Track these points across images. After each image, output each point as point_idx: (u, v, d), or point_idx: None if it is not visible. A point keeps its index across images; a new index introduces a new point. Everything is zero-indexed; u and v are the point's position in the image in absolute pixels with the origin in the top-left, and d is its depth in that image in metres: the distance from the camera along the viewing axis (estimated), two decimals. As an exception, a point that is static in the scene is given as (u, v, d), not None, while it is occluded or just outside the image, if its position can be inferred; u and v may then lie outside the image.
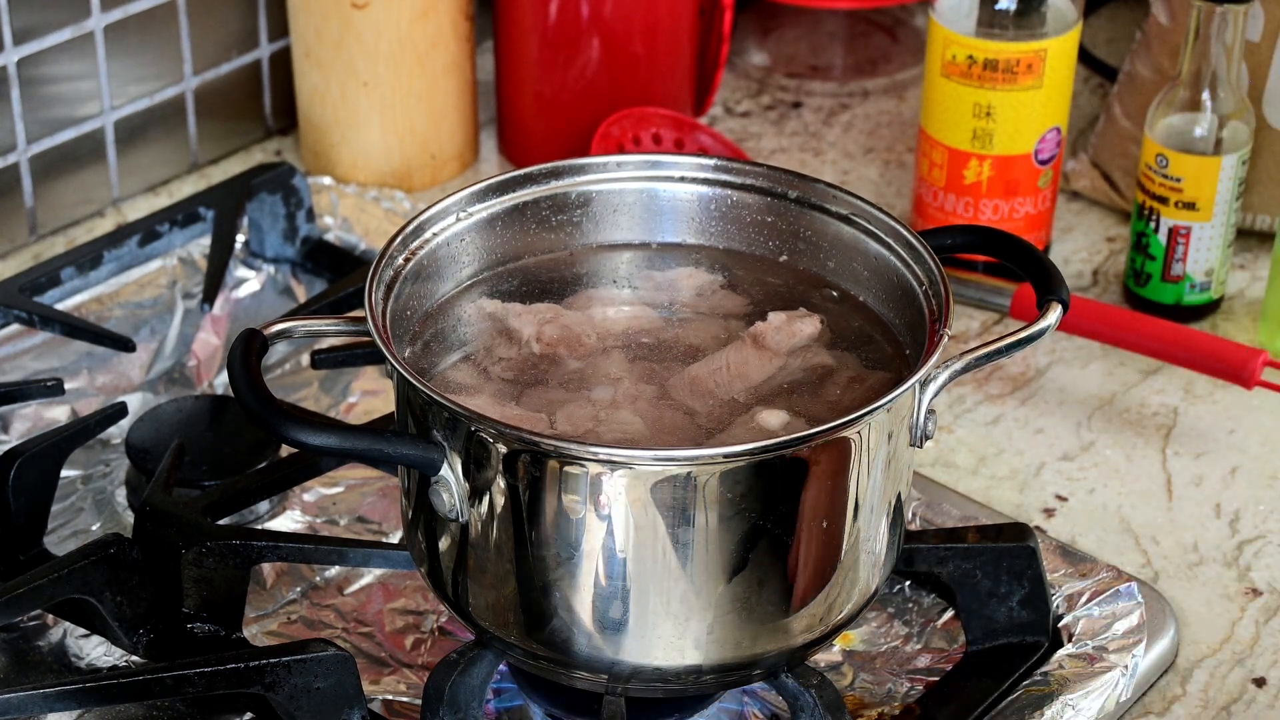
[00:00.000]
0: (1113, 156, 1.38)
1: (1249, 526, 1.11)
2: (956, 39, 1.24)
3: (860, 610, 0.91)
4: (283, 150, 1.46)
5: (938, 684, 0.98)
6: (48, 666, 0.98)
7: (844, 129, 1.50)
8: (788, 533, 0.85)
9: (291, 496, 1.11)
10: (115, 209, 1.38)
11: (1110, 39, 1.56)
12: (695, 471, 0.82)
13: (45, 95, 1.30)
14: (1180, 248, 1.26)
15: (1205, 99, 1.24)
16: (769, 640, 0.88)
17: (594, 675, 0.88)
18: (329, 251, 1.29)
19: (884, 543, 0.90)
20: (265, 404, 0.83)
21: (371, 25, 1.34)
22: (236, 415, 1.14)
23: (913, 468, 0.93)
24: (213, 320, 1.25)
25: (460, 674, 0.92)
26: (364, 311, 0.88)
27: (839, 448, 0.84)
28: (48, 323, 1.17)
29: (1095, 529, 1.11)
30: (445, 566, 0.90)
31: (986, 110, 1.25)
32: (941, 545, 0.99)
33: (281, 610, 1.04)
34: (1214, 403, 1.21)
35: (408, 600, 1.04)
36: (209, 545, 0.98)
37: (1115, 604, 1.01)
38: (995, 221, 1.29)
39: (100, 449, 1.15)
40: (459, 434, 0.84)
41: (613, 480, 0.83)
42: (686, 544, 0.84)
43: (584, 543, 0.84)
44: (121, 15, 1.32)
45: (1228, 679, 1.01)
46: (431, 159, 1.40)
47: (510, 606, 0.88)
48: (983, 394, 1.21)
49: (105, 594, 0.97)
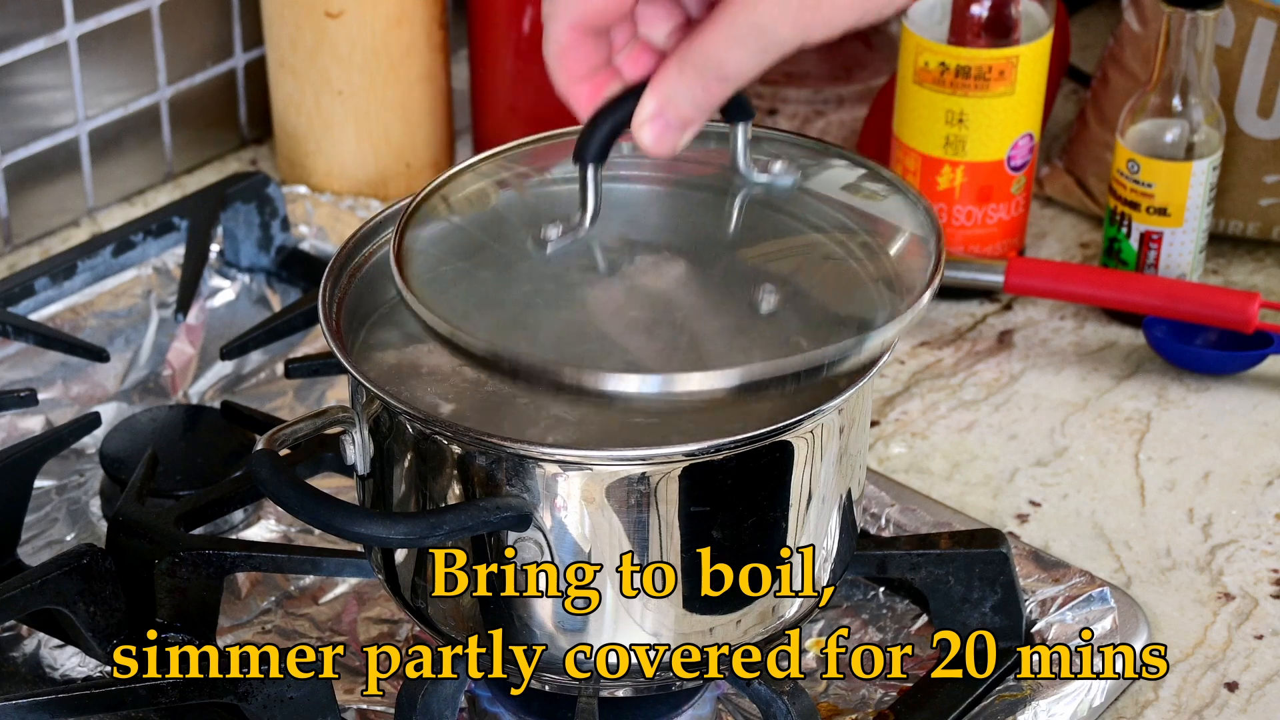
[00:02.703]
0: (1086, 162, 1.38)
1: (1221, 531, 1.11)
2: (929, 46, 1.25)
3: (814, 608, 0.91)
4: (258, 159, 1.46)
5: (911, 690, 0.98)
6: (22, 678, 0.98)
7: (818, 135, 1.50)
8: (735, 525, 0.85)
9: (266, 506, 1.11)
10: (90, 219, 1.38)
11: (1084, 45, 1.56)
12: (649, 471, 0.82)
13: (19, 105, 1.30)
14: (1152, 253, 1.27)
15: (1176, 105, 1.24)
16: (724, 634, 0.89)
17: (562, 676, 0.89)
18: (304, 260, 1.29)
19: (835, 539, 0.91)
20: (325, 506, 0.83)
21: (346, 34, 1.34)
22: (210, 425, 1.14)
23: (866, 465, 0.94)
24: (187, 330, 1.25)
25: (433, 683, 0.92)
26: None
27: (785, 446, 0.85)
28: (21, 333, 1.17)
29: (1068, 534, 1.11)
30: (403, 573, 0.90)
31: (959, 117, 1.26)
32: (914, 551, 1.00)
33: (256, 620, 1.04)
34: (1187, 408, 1.21)
35: (382, 609, 1.04)
36: (182, 555, 0.98)
37: (1088, 609, 1.01)
38: (969, 228, 1.29)
39: (74, 459, 1.15)
40: (403, 432, 0.85)
41: (567, 480, 0.83)
42: (643, 541, 0.84)
43: (542, 542, 0.84)
44: (95, 25, 1.32)
45: (1200, 683, 1.01)
46: (406, 168, 1.40)
47: (470, 612, 0.88)
48: (956, 400, 1.22)
49: (79, 604, 0.97)
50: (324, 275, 0.91)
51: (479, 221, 0.90)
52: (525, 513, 0.83)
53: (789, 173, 0.90)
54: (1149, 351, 1.26)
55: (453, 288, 0.85)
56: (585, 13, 0.80)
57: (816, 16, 0.78)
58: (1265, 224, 1.34)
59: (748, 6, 0.78)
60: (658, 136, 0.82)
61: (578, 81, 0.83)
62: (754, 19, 0.78)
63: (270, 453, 0.85)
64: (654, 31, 0.83)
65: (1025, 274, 1.26)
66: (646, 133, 0.82)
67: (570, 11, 0.80)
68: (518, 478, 0.83)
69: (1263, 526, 1.12)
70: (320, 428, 0.91)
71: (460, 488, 0.85)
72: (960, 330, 1.29)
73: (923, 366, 1.25)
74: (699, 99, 0.81)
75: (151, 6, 1.35)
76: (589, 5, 0.80)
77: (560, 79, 0.83)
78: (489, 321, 0.82)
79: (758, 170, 0.90)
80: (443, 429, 0.83)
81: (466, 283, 0.85)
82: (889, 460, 1.17)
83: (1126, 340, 1.27)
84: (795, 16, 0.77)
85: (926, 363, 1.26)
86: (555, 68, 0.83)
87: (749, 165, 0.90)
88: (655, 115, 0.82)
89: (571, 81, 0.83)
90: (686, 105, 0.81)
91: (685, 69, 0.80)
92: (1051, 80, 1.38)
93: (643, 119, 0.82)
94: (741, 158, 0.90)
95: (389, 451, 0.87)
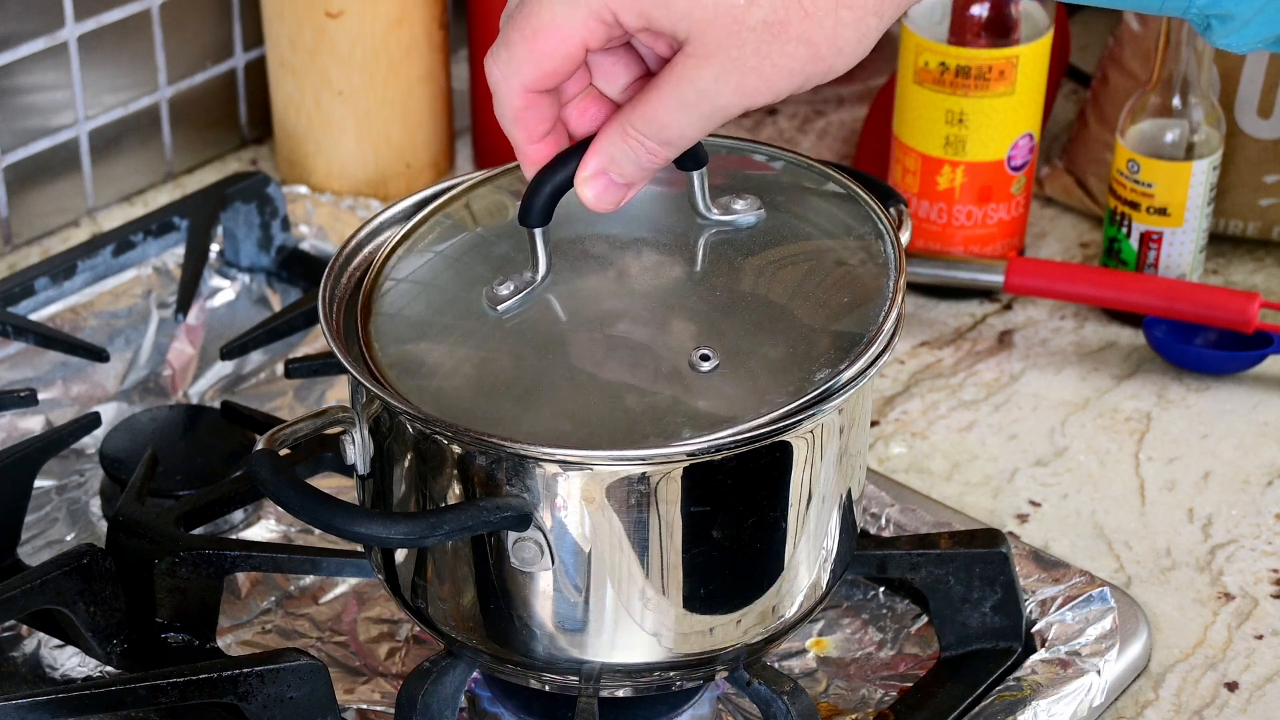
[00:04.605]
0: (1086, 162, 1.38)
1: (1221, 531, 1.11)
2: (929, 46, 1.25)
3: (815, 607, 0.91)
4: (258, 159, 1.46)
5: (911, 690, 0.98)
6: (22, 677, 0.98)
7: (819, 136, 1.50)
8: (735, 525, 0.85)
9: (265, 506, 1.11)
10: (90, 219, 1.38)
11: (1084, 45, 1.56)
12: (649, 471, 0.82)
13: (19, 105, 1.30)
14: (1152, 253, 1.27)
15: (1176, 105, 1.24)
16: (724, 634, 0.88)
17: (563, 676, 0.89)
18: (304, 260, 1.29)
19: (835, 539, 0.91)
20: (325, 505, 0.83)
21: (345, 34, 1.34)
22: (210, 425, 1.14)
23: (866, 465, 0.94)
24: (187, 330, 1.25)
25: (433, 683, 0.92)
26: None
27: (785, 446, 0.85)
28: (21, 333, 1.17)
29: (1068, 534, 1.11)
30: (403, 573, 0.90)
31: (959, 117, 1.26)
32: (914, 551, 1.00)
33: (256, 620, 1.04)
34: (1187, 408, 1.21)
35: (382, 609, 1.04)
36: (182, 555, 0.98)
37: (1088, 609, 1.01)
38: (969, 228, 1.29)
39: (74, 459, 1.15)
40: (403, 432, 0.85)
41: (567, 480, 0.83)
42: (643, 540, 0.84)
43: (542, 543, 0.84)
44: (96, 25, 1.32)
45: (1200, 683, 1.01)
46: (406, 167, 1.40)
47: (470, 612, 0.88)
48: (956, 400, 1.22)
49: (79, 604, 0.97)
50: (324, 275, 0.91)
51: (432, 280, 0.91)
52: (525, 513, 0.83)
53: (751, 210, 0.91)
54: (1149, 351, 1.26)
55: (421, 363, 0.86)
56: (539, 74, 0.80)
57: (760, 82, 0.78)
58: (1265, 224, 1.34)
59: (691, 72, 0.78)
60: (599, 194, 0.83)
61: (536, 140, 0.83)
62: (699, 86, 0.78)
63: (270, 453, 0.85)
64: (610, 85, 0.83)
65: (1025, 274, 1.26)
66: (588, 190, 0.83)
67: (525, 74, 0.80)
68: (518, 478, 0.83)
69: (1263, 526, 1.12)
70: (320, 428, 0.91)
71: (460, 488, 0.85)
72: (960, 330, 1.29)
73: (923, 366, 1.25)
74: (642, 161, 0.82)
75: (151, 6, 1.35)
76: (539, 68, 0.80)
77: (519, 138, 0.83)
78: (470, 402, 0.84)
79: (720, 211, 0.91)
80: (443, 429, 0.83)
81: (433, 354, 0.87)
82: (889, 460, 1.17)
83: (1126, 340, 1.27)
84: (739, 82, 0.78)
85: (926, 363, 1.26)
86: (512, 129, 0.83)
87: (709, 208, 0.91)
88: (597, 174, 0.83)
89: (529, 141, 0.83)
90: (629, 166, 0.82)
91: (629, 131, 0.81)
92: (1051, 80, 1.38)
93: (585, 177, 0.83)
94: (700, 201, 0.91)
95: (389, 451, 0.87)
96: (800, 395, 0.83)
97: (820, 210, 0.92)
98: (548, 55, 0.79)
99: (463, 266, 0.91)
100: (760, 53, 0.77)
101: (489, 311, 0.87)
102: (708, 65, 0.77)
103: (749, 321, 0.86)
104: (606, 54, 0.83)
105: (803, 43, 0.77)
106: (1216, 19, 0.81)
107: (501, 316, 0.87)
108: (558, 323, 0.87)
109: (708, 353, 0.84)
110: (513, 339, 0.86)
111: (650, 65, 0.83)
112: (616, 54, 0.83)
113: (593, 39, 0.79)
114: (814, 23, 0.77)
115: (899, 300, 0.87)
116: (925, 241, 1.30)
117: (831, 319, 0.86)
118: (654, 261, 0.90)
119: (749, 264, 0.89)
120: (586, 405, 0.83)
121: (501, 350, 0.86)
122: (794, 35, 0.77)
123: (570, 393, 0.84)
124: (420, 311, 0.89)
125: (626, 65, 0.83)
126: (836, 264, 0.89)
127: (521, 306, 0.87)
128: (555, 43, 0.79)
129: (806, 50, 0.78)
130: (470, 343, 0.86)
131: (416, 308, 0.89)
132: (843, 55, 0.79)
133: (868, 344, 0.85)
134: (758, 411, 0.82)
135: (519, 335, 0.86)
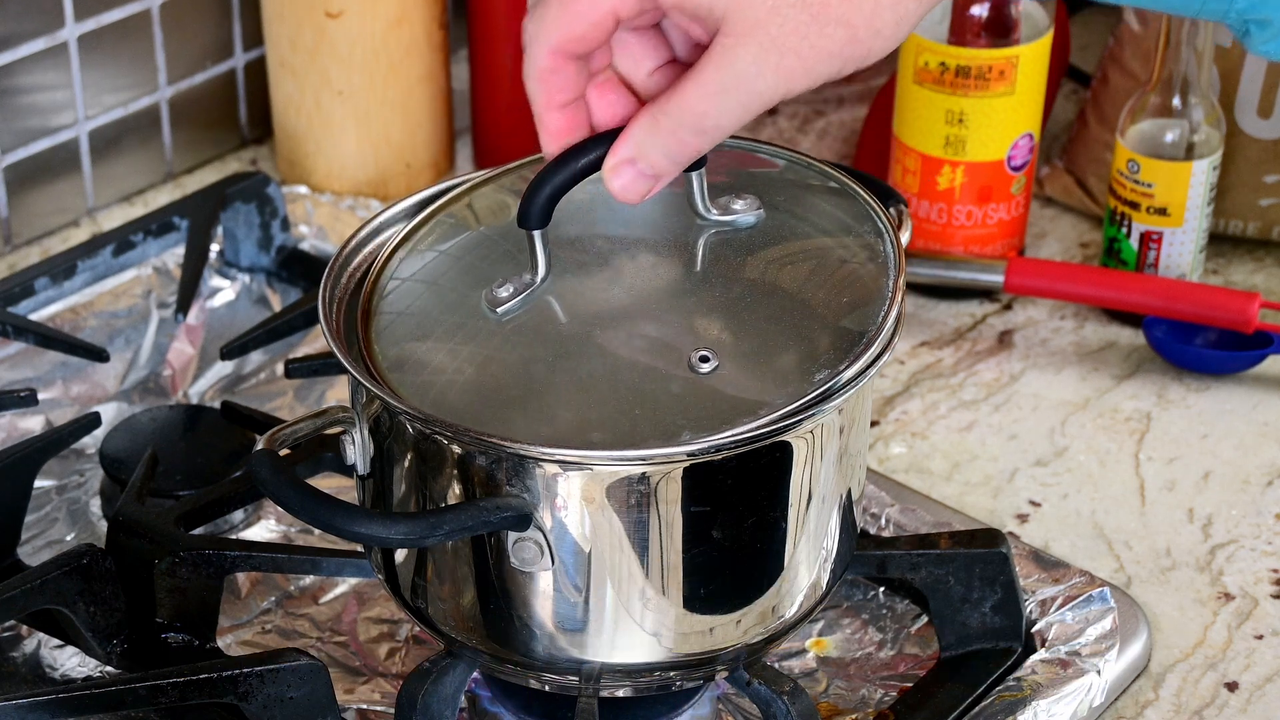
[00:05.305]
0: (1086, 162, 1.38)
1: (1221, 531, 1.11)
2: (929, 46, 1.25)
3: (815, 607, 0.91)
4: (258, 159, 1.46)
5: (911, 690, 0.98)
6: (22, 677, 0.98)
7: (819, 135, 1.50)
8: (735, 525, 0.85)
9: (265, 506, 1.11)
10: (90, 219, 1.38)
11: (1084, 45, 1.56)
12: (649, 471, 0.82)
13: (19, 105, 1.30)
14: (1152, 253, 1.27)
15: (1176, 105, 1.24)
16: (724, 634, 0.88)
17: (563, 676, 0.89)
18: (304, 260, 1.29)
19: (835, 539, 0.91)
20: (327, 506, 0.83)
21: (345, 34, 1.34)
22: (210, 425, 1.14)
23: (866, 465, 0.94)
24: (187, 330, 1.25)
25: (433, 683, 0.92)
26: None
27: (785, 446, 0.85)
28: (21, 333, 1.17)
29: (1068, 534, 1.11)
30: (403, 573, 0.90)
31: (959, 117, 1.26)
32: (914, 551, 1.00)
33: (256, 620, 1.04)
34: (1187, 408, 1.21)
35: (382, 609, 1.04)
36: (182, 555, 0.98)
37: (1088, 609, 1.01)
38: (969, 228, 1.29)
39: (74, 459, 1.15)
40: (403, 432, 0.85)
41: (567, 480, 0.83)
42: (643, 541, 0.84)
43: (542, 543, 0.84)
44: (95, 25, 1.32)
45: (1200, 683, 1.01)
46: (406, 168, 1.40)
47: (470, 612, 0.88)
48: (956, 400, 1.22)
49: (79, 604, 0.97)
50: (324, 275, 0.91)
51: (432, 281, 0.91)
52: (525, 513, 0.83)
53: (751, 210, 0.91)
54: (1149, 351, 1.26)
55: (421, 366, 0.86)
56: (568, 37, 0.80)
57: (798, 63, 0.77)
58: (1265, 224, 1.34)
59: (729, 53, 0.77)
60: (625, 185, 0.82)
61: (555, 108, 0.83)
62: (737, 68, 0.77)
63: (270, 453, 0.85)
64: (636, 68, 0.83)
65: (1025, 274, 1.26)
66: (616, 180, 0.82)
67: (552, 36, 0.80)
68: (518, 478, 0.83)
69: (1263, 526, 1.12)
70: (320, 428, 0.91)
71: (460, 488, 0.85)
72: (960, 330, 1.29)
73: (923, 366, 1.25)
74: (673, 151, 0.81)
75: (151, 6, 1.35)
76: (571, 30, 0.80)
77: (539, 102, 0.82)
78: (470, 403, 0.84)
79: (719, 211, 0.91)
80: (443, 429, 0.83)
81: (432, 358, 0.86)
82: (889, 460, 1.17)
83: (1126, 340, 1.28)
84: (777, 64, 0.77)
85: (926, 363, 1.26)
86: (535, 90, 0.82)
87: (708, 208, 0.90)
88: (626, 163, 0.82)
89: (549, 107, 0.82)
90: (659, 156, 0.81)
91: (661, 120, 0.80)
92: (1051, 80, 1.38)
93: (612, 164, 0.82)
94: (700, 202, 0.90)
95: (389, 451, 0.87)
96: (800, 395, 0.83)
97: (820, 210, 0.92)
98: (578, 17, 0.79)
99: (463, 267, 0.91)
100: (799, 33, 0.76)
101: (489, 313, 0.87)
102: (745, 44, 0.77)
103: (748, 322, 0.86)
104: (635, 34, 0.82)
105: (842, 24, 0.77)
106: (1255, 24, 0.81)
107: (501, 319, 0.87)
108: (557, 324, 0.87)
109: (707, 353, 0.84)
110: (513, 340, 0.86)
111: (679, 52, 0.83)
112: (645, 36, 0.82)
113: (623, 7, 0.79)
114: (853, 4, 0.77)
115: (899, 300, 0.87)
116: (925, 241, 1.30)
117: (831, 319, 0.86)
118: (653, 262, 0.90)
119: (748, 264, 0.89)
120: (586, 405, 0.83)
121: (502, 351, 0.86)
122: (833, 16, 0.76)
123: (570, 393, 0.84)
124: (420, 312, 0.89)
125: (654, 49, 0.83)
126: (836, 264, 0.89)
127: (521, 308, 0.87)
128: (585, 6, 0.79)
129: (845, 32, 0.77)
130: (471, 343, 0.86)
131: (417, 308, 0.89)
132: (880, 38, 0.78)
133: (868, 344, 0.85)
134: (757, 412, 0.82)
135: (519, 336, 0.86)
